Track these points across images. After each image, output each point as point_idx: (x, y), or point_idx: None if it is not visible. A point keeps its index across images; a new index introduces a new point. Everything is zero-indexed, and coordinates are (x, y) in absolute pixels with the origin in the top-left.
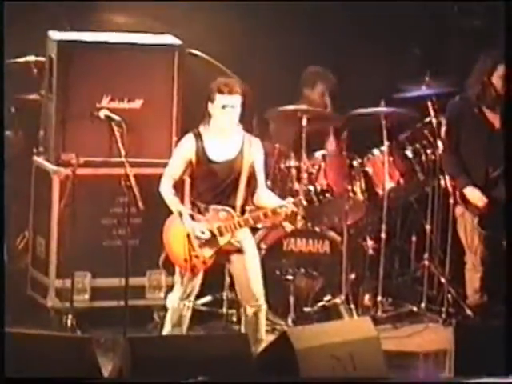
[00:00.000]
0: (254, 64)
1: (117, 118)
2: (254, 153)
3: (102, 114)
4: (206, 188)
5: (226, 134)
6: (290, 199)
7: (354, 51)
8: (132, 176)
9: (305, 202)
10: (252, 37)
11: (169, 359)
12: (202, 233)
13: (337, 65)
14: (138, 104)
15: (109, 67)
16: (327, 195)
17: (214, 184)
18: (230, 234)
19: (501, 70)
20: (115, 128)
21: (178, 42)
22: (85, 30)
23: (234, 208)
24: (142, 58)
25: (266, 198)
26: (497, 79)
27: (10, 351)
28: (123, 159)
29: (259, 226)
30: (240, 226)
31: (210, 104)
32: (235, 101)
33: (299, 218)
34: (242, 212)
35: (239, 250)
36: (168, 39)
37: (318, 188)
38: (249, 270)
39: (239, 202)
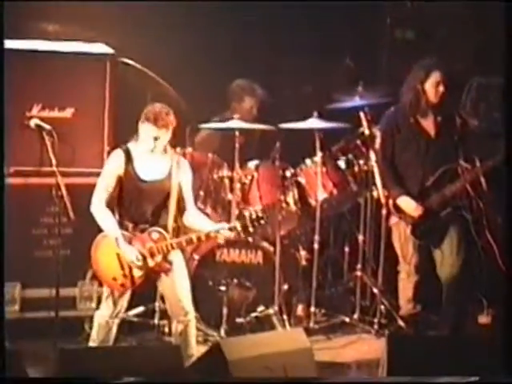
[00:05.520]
0: (186, 72)
1: (47, 126)
2: (182, 175)
3: (33, 123)
4: (135, 206)
5: (154, 155)
6: (225, 225)
7: (286, 62)
8: (63, 186)
9: (240, 228)
10: (186, 46)
11: (100, 371)
12: (138, 259)
13: (269, 75)
14: (68, 113)
15: (39, 75)
16: (262, 222)
17: (143, 203)
18: (162, 255)
19: (434, 77)
20: (46, 137)
21: (109, 50)
22: (14, 37)
23: (165, 229)
24: (73, 66)
25: (195, 219)
26: (430, 87)
27: None
28: (54, 169)
29: None
30: (173, 248)
31: (140, 124)
32: (161, 133)
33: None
34: (173, 233)
35: (169, 268)
36: (100, 48)
37: (254, 214)
38: (177, 286)
39: (170, 222)
